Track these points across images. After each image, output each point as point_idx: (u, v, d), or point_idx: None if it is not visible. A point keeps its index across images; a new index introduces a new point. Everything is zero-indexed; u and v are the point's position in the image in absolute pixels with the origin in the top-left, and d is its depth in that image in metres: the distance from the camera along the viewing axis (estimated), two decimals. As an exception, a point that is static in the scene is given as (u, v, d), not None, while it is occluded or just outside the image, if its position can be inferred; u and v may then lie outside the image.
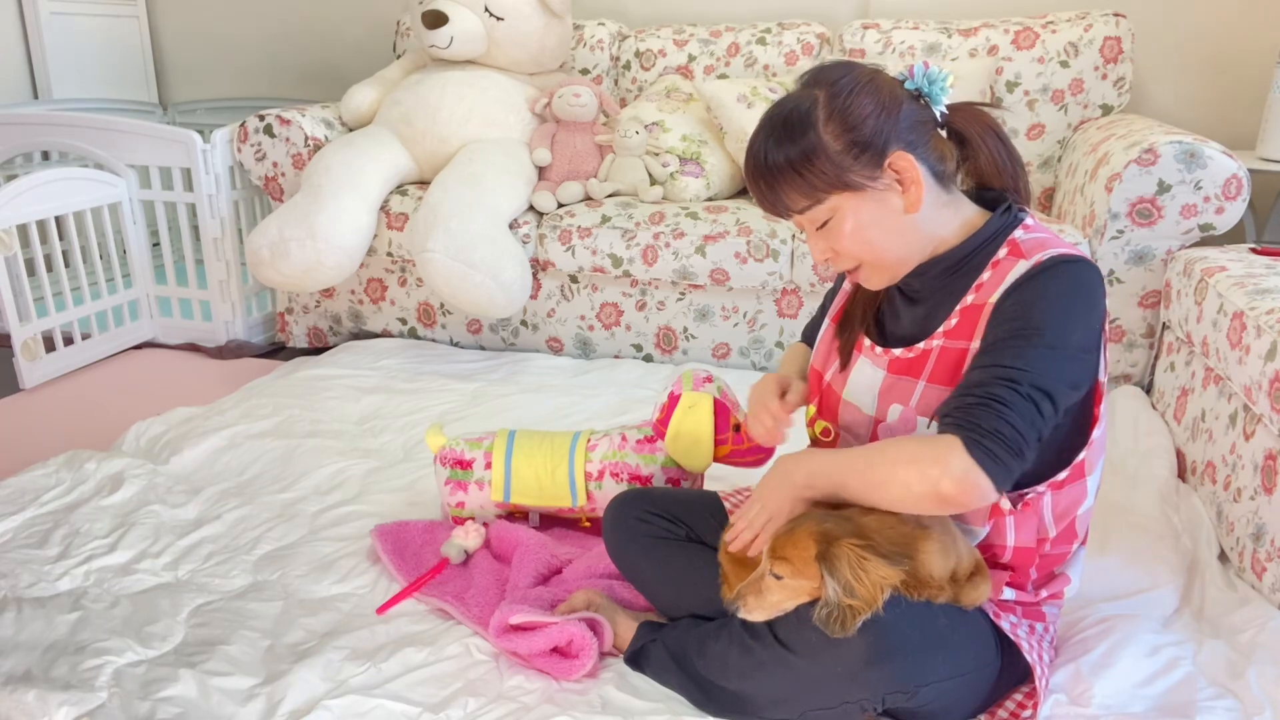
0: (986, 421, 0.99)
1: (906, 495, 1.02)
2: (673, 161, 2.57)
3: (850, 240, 1.10)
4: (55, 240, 2.56)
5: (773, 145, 1.09)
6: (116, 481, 1.81)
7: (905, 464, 1.02)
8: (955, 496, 0.99)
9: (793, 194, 1.09)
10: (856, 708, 1.07)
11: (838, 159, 1.06)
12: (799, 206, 1.10)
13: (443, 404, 2.25)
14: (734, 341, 2.46)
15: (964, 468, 0.98)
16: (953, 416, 1.02)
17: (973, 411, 1.00)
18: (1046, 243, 1.08)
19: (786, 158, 1.07)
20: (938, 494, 1.00)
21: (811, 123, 1.06)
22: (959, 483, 0.98)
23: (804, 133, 1.06)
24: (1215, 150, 1.98)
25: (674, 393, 1.58)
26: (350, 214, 2.38)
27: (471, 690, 1.25)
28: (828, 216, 1.10)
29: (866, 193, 1.08)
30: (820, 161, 1.06)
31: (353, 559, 1.58)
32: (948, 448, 0.99)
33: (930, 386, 1.12)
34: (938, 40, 2.67)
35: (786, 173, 1.08)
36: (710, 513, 1.38)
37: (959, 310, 1.11)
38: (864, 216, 1.09)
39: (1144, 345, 2.18)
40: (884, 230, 1.10)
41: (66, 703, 1.20)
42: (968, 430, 1.00)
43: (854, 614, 1.00)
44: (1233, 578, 1.49)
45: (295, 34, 3.61)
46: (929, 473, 0.99)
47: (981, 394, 1.01)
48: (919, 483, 1.00)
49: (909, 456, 1.02)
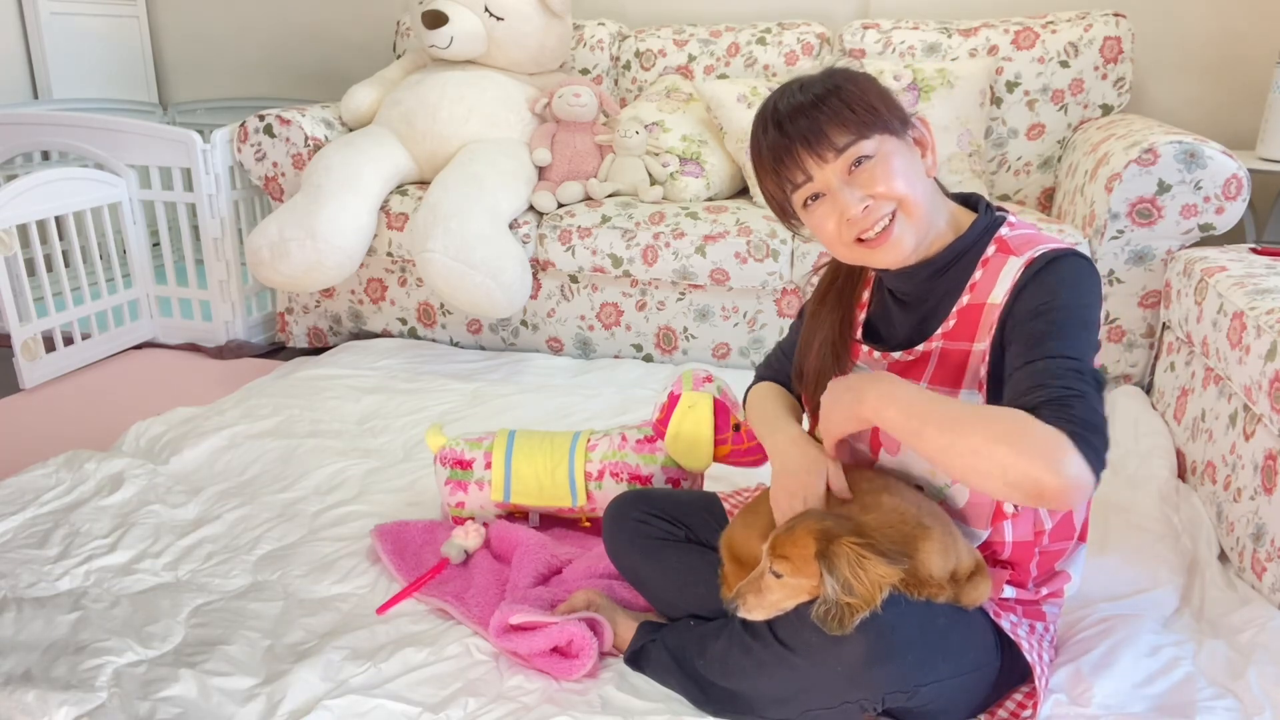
0: (1087, 415, 0.94)
1: (998, 478, 0.94)
2: (673, 161, 2.57)
3: (898, 178, 1.06)
4: (55, 240, 2.56)
5: (812, 87, 1.08)
6: (116, 481, 1.81)
7: (1009, 445, 0.92)
8: (1056, 496, 0.92)
9: (837, 126, 1.06)
10: (856, 707, 1.07)
11: (880, 99, 1.08)
12: (841, 140, 1.06)
13: (443, 404, 2.25)
14: (734, 341, 2.46)
15: (1077, 470, 0.91)
16: (1049, 409, 0.95)
17: (1071, 405, 0.94)
18: (1034, 239, 1.10)
19: (833, 87, 1.07)
20: (1038, 490, 0.92)
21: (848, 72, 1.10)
22: (1065, 483, 0.91)
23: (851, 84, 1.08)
24: (1215, 150, 1.98)
25: (674, 393, 1.58)
26: (350, 214, 2.38)
27: (471, 690, 1.25)
28: (870, 154, 1.07)
29: (903, 141, 1.09)
30: (868, 93, 1.07)
31: (353, 559, 1.58)
32: (1059, 446, 0.91)
33: (930, 388, 1.12)
34: (938, 40, 2.67)
35: (832, 101, 1.07)
36: (710, 513, 1.38)
37: (956, 311, 1.12)
38: (904, 160, 1.08)
39: (1144, 345, 2.18)
40: (918, 178, 1.10)
41: (66, 703, 1.20)
42: (1073, 424, 0.93)
43: (852, 612, 1.00)
44: (1233, 578, 1.49)
45: (295, 34, 3.61)
46: (1033, 465, 0.91)
47: (1067, 385, 0.96)
48: (1017, 472, 0.92)
49: (1013, 437, 0.93)
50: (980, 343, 1.09)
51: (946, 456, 0.98)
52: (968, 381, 1.10)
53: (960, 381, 1.11)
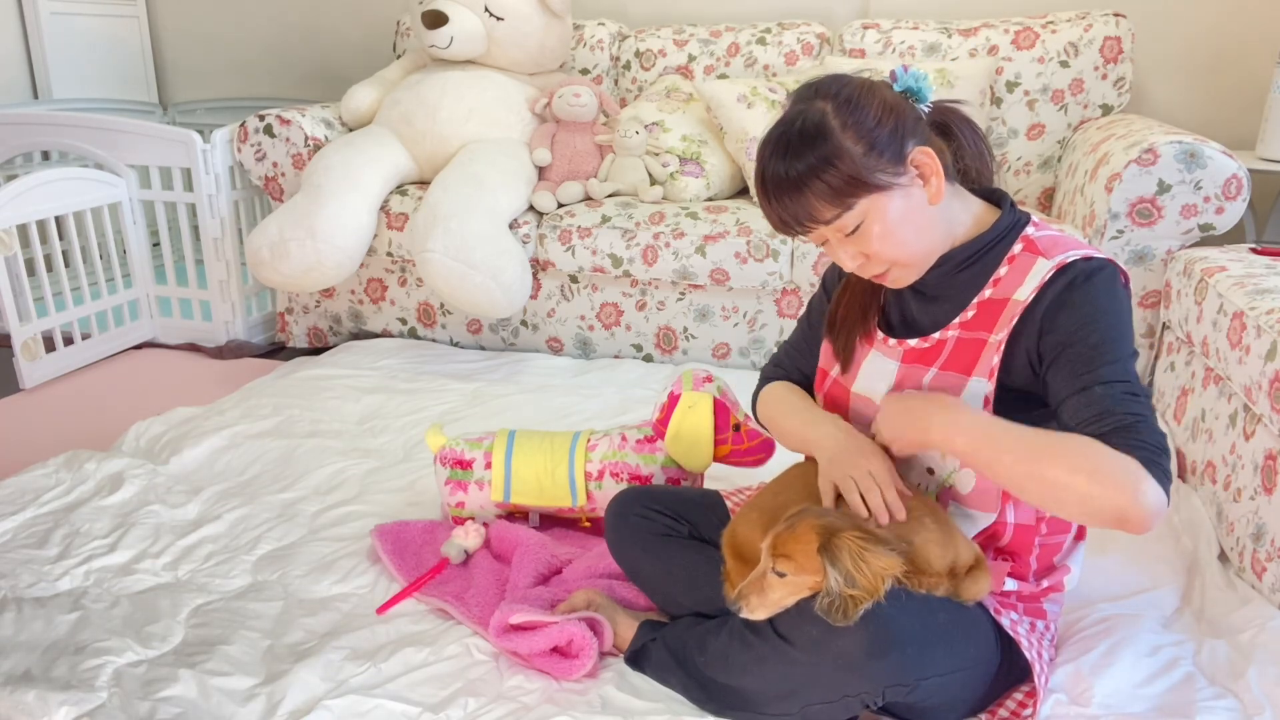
0: (1154, 440, 0.98)
1: (1078, 506, 0.98)
2: (673, 161, 2.57)
3: (883, 242, 1.09)
4: (55, 240, 2.56)
5: (793, 158, 1.06)
6: (116, 481, 1.81)
7: (1088, 476, 0.97)
8: (1139, 524, 0.96)
9: (819, 204, 1.07)
10: (857, 702, 1.08)
11: (862, 161, 1.05)
12: (827, 216, 1.08)
13: (443, 404, 2.25)
14: (734, 341, 2.46)
15: (1153, 494, 0.95)
16: (1119, 437, 0.99)
17: (1139, 432, 0.98)
18: (1061, 241, 1.12)
19: (809, 166, 1.05)
20: (1120, 517, 0.96)
21: (828, 130, 1.05)
22: (1146, 510, 0.95)
23: (824, 140, 1.05)
24: (1215, 150, 1.98)
25: (674, 393, 1.58)
26: (350, 214, 2.38)
27: (471, 690, 1.25)
28: (858, 222, 1.08)
29: (894, 191, 1.07)
30: (846, 165, 1.05)
31: (353, 559, 1.58)
32: (1133, 474, 0.96)
33: (942, 374, 1.14)
34: (938, 40, 2.67)
35: (812, 182, 1.06)
36: (712, 510, 1.38)
37: (977, 304, 1.14)
38: (894, 216, 1.08)
39: (1144, 345, 2.18)
40: (914, 226, 1.10)
41: (66, 703, 1.20)
42: (1144, 451, 0.97)
43: (856, 603, 1.01)
44: (1233, 578, 1.49)
45: (295, 34, 3.61)
46: (1115, 496, 0.95)
47: (1129, 412, 1.00)
48: (1101, 500, 0.96)
49: (1091, 468, 0.97)
50: (998, 334, 1.11)
51: (1024, 485, 1.02)
52: (978, 370, 1.12)
53: (971, 369, 1.13)
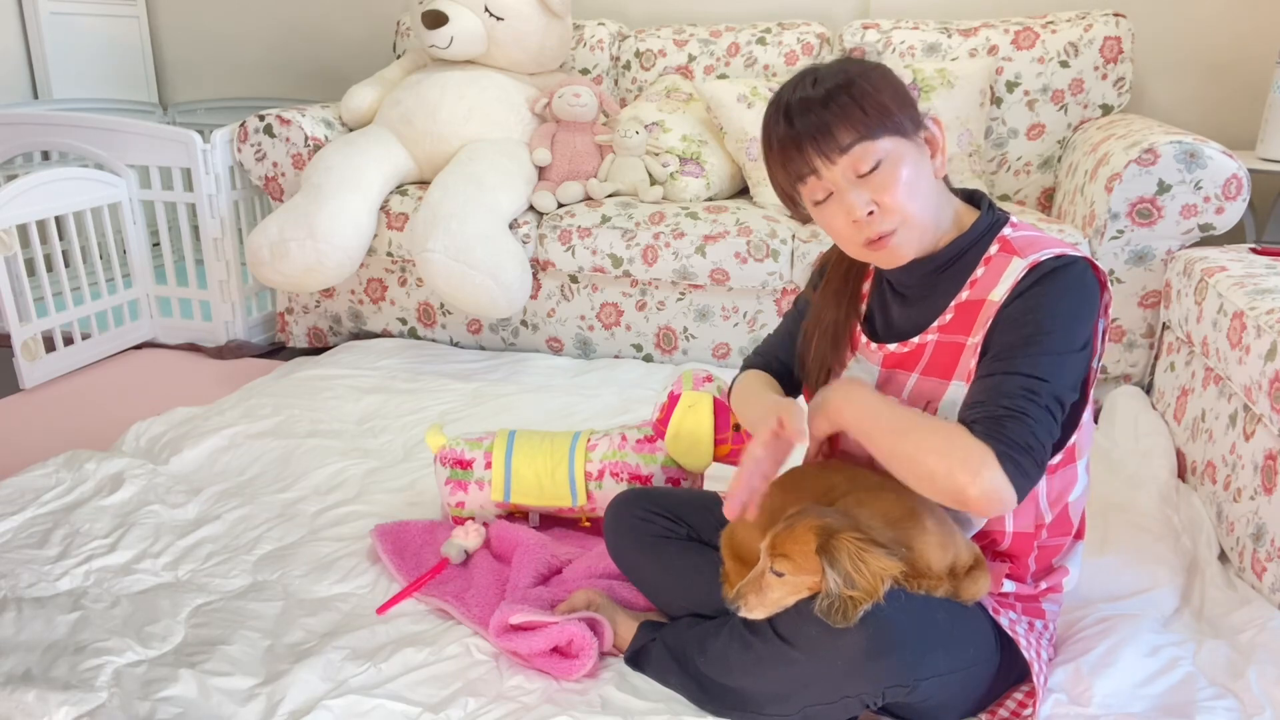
0: (1018, 436, 1.00)
1: (927, 484, 1.02)
2: (673, 161, 2.57)
3: (903, 189, 1.06)
4: (55, 240, 2.56)
5: (822, 77, 1.06)
6: (116, 481, 1.81)
7: (936, 455, 1.01)
8: (977, 505, 0.99)
9: (845, 126, 1.04)
10: (856, 703, 1.08)
11: (892, 99, 1.06)
12: (848, 140, 1.05)
13: (443, 404, 2.25)
14: (734, 341, 2.46)
15: (994, 482, 0.98)
16: (983, 426, 1.01)
17: (1004, 425, 1.00)
18: (1038, 241, 1.11)
19: (838, 84, 1.04)
20: (960, 498, 1.00)
21: (861, 69, 1.06)
22: (985, 495, 0.98)
23: (857, 74, 1.06)
24: (1215, 150, 1.98)
25: (674, 392, 1.58)
26: (350, 214, 2.38)
27: (471, 690, 1.25)
28: (878, 158, 1.06)
29: (912, 143, 1.08)
30: (879, 93, 1.05)
31: (353, 559, 1.58)
32: (981, 458, 0.99)
33: (923, 379, 1.14)
34: (938, 40, 2.67)
35: (840, 98, 1.04)
36: (711, 511, 1.38)
37: (954, 306, 1.13)
38: (910, 167, 1.07)
39: (1144, 345, 2.18)
40: (924, 189, 1.09)
41: (66, 703, 1.20)
42: (1000, 443, 0.99)
43: (855, 605, 1.01)
44: (1233, 578, 1.49)
45: (295, 34, 3.61)
46: (958, 476, 0.99)
47: (1009, 405, 1.01)
48: (944, 480, 1.00)
49: (942, 449, 1.01)
50: (974, 337, 1.10)
51: (889, 460, 1.06)
52: (957, 374, 1.11)
53: (950, 374, 1.12)
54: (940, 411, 1.12)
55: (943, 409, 1.12)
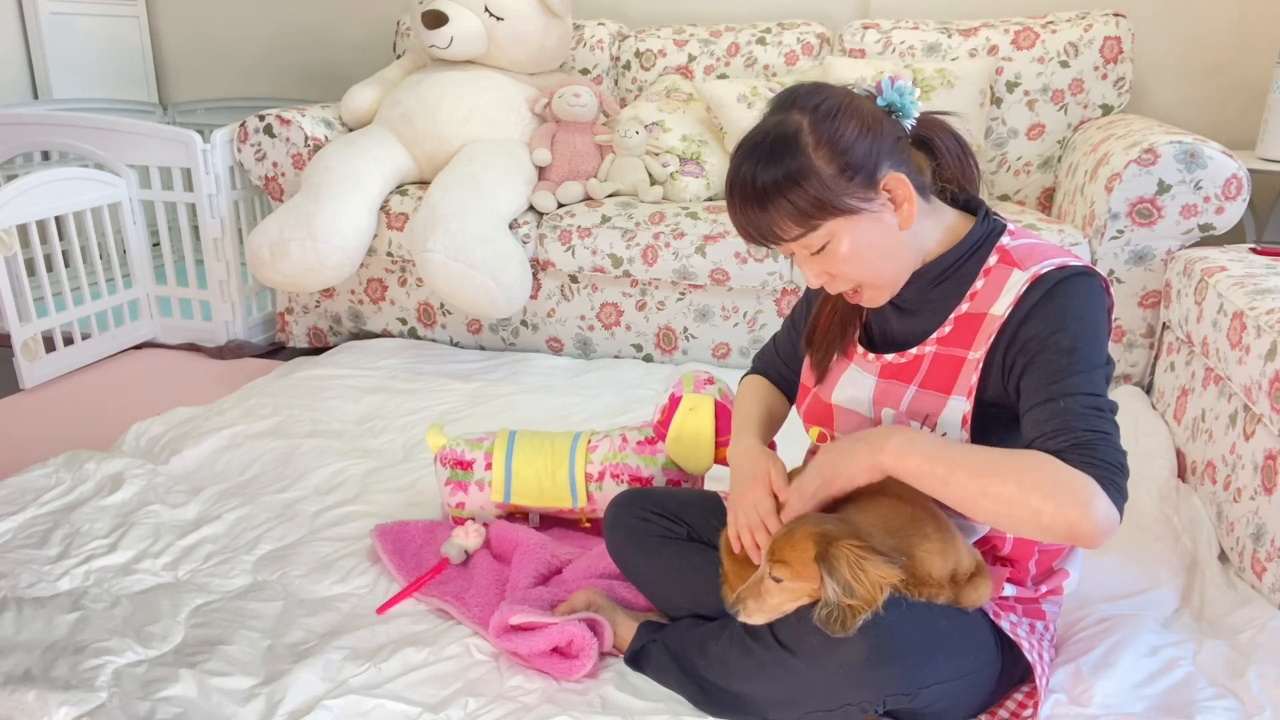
0: (1110, 457, 0.98)
1: (1032, 522, 0.97)
2: (673, 161, 2.57)
3: (848, 263, 1.07)
4: (55, 240, 2.56)
5: (761, 170, 1.03)
6: (116, 481, 1.81)
7: (1040, 493, 0.96)
8: (1092, 537, 0.96)
9: (785, 221, 1.05)
10: (857, 709, 1.07)
11: (832, 183, 1.03)
12: (791, 234, 1.06)
13: (443, 404, 2.25)
14: (734, 341, 2.46)
15: (1106, 513, 0.95)
16: (1074, 454, 0.98)
17: (1096, 449, 0.98)
18: (1036, 250, 1.10)
19: (775, 181, 1.02)
20: (1073, 532, 0.96)
21: (801, 147, 1.02)
22: (1099, 526, 0.95)
23: (794, 156, 1.02)
24: (1215, 150, 1.98)
25: (675, 394, 1.57)
26: (350, 214, 2.38)
27: (471, 690, 1.25)
28: (824, 242, 1.06)
29: (862, 215, 1.05)
30: (814, 186, 1.02)
31: (353, 559, 1.58)
32: (1087, 489, 0.95)
33: (921, 392, 1.13)
34: (938, 40, 2.67)
35: (777, 199, 1.03)
36: (711, 512, 1.38)
37: (954, 319, 1.12)
38: (860, 239, 1.06)
39: (1144, 345, 2.18)
40: (881, 250, 1.08)
41: (66, 703, 1.20)
42: (1098, 469, 0.97)
43: (854, 614, 1.00)
44: (1233, 578, 1.49)
45: (295, 34, 3.61)
46: (1069, 512, 0.95)
47: (1089, 428, 0.99)
48: (1054, 516, 0.96)
49: (1043, 486, 0.96)
50: (976, 351, 1.09)
51: (978, 503, 1.00)
52: (957, 388, 1.10)
53: (950, 388, 1.11)
54: (940, 427, 1.11)
55: (942, 424, 1.11)
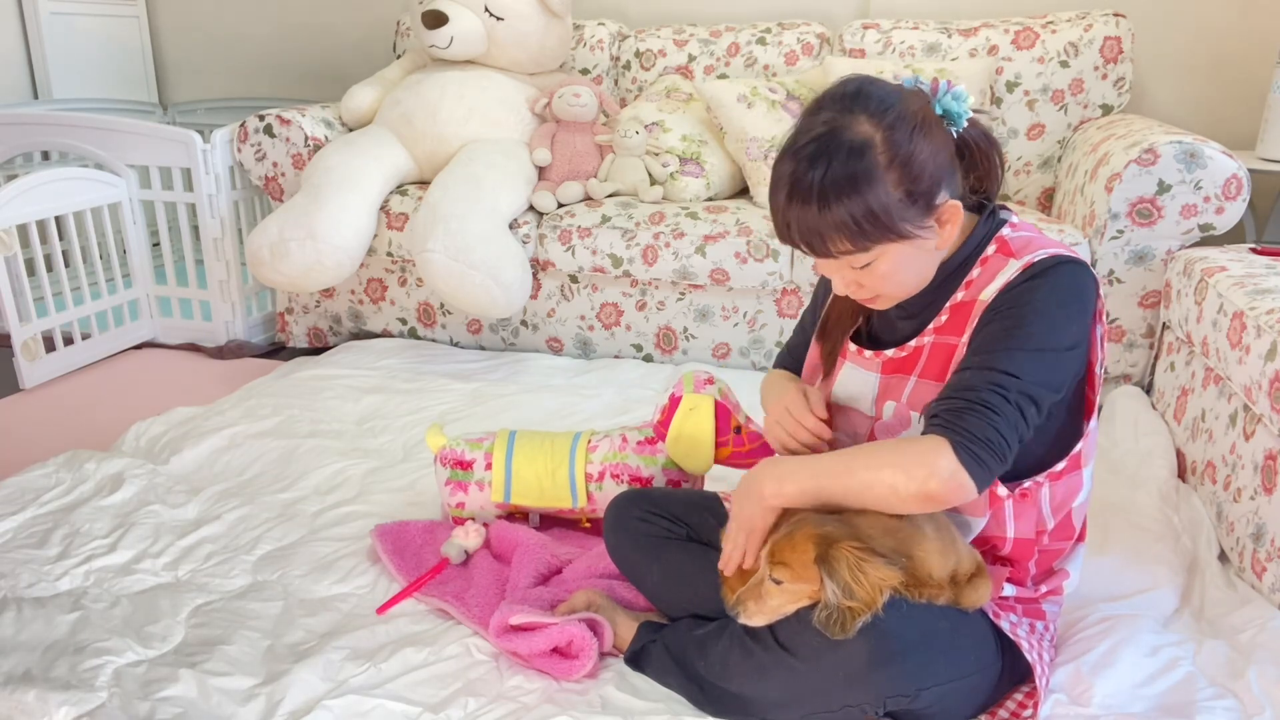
0: (975, 428, 1.01)
1: (893, 496, 1.03)
2: (673, 161, 2.57)
3: (884, 280, 1.08)
4: (55, 240, 2.56)
5: (826, 179, 1.00)
6: (116, 481, 1.81)
7: (890, 467, 1.03)
8: (941, 495, 1.01)
9: (839, 238, 1.03)
10: (858, 711, 1.07)
11: (895, 209, 1.02)
12: (841, 250, 1.05)
13: (443, 404, 2.25)
14: (734, 341, 2.46)
15: (951, 469, 1.00)
16: (941, 419, 1.03)
17: (962, 416, 1.02)
18: (1034, 241, 1.10)
19: (839, 197, 1.00)
20: (925, 493, 1.01)
21: (873, 165, 1.00)
22: (945, 483, 1.00)
23: (864, 174, 1.00)
24: (1215, 150, 1.98)
25: (675, 395, 1.57)
26: (350, 214, 2.38)
27: (471, 690, 1.25)
28: (868, 261, 1.06)
29: (911, 239, 1.05)
30: (878, 209, 1.01)
31: (353, 559, 1.58)
32: (934, 450, 1.01)
33: (921, 382, 1.14)
34: (938, 40, 2.67)
35: (838, 214, 1.01)
36: (711, 512, 1.38)
37: (949, 307, 1.13)
38: (902, 260, 1.07)
39: (1144, 345, 2.18)
40: (915, 269, 1.09)
41: (66, 703, 1.20)
42: (956, 434, 1.01)
43: (854, 615, 1.00)
44: (1233, 578, 1.49)
45: (295, 34, 3.61)
46: (915, 474, 1.01)
47: (972, 399, 1.02)
48: (906, 483, 1.02)
49: (892, 460, 1.03)
50: (965, 336, 1.10)
51: (855, 499, 1.06)
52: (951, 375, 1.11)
53: (945, 376, 1.12)
54: None
55: None
